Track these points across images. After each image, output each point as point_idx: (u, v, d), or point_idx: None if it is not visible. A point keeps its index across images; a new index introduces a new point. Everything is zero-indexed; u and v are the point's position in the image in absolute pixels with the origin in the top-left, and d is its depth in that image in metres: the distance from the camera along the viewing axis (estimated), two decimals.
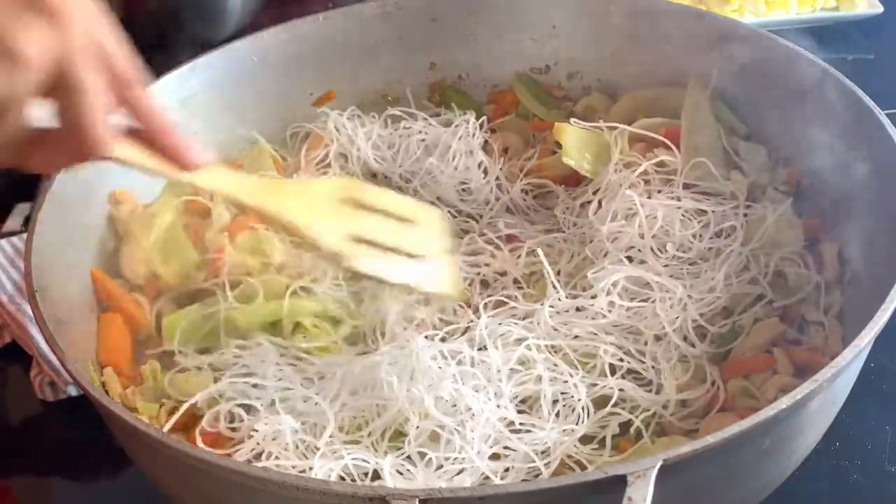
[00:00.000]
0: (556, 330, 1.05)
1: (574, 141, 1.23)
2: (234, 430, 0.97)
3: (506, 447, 0.93)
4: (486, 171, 1.27)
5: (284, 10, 1.50)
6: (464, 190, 1.27)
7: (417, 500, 0.73)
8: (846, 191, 1.10)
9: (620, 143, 1.21)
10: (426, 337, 1.03)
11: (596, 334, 1.04)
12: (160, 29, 1.65)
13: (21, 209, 1.38)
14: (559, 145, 1.23)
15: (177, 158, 0.83)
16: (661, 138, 1.20)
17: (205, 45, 1.32)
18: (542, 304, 1.07)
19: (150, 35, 1.67)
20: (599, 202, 1.18)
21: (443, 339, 1.04)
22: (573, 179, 1.25)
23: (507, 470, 0.91)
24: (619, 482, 0.73)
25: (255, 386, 1.01)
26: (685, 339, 1.04)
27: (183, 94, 1.27)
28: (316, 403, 0.98)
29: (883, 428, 1.10)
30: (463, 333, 1.05)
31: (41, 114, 0.71)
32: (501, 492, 0.76)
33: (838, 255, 1.09)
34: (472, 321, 1.07)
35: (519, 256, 1.15)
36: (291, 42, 1.34)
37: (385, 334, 1.06)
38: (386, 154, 1.30)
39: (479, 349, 1.02)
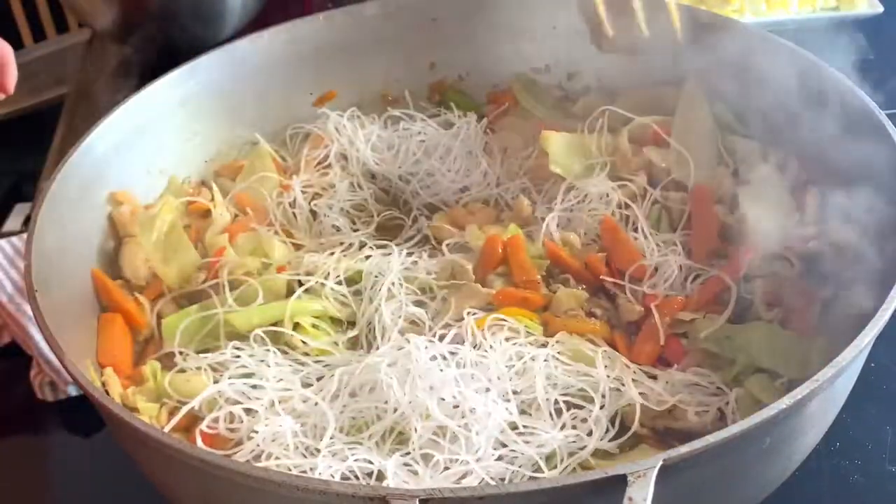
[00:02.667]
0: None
1: (561, 148, 1.23)
2: (233, 430, 0.97)
3: (511, 450, 0.93)
4: (485, 174, 1.27)
5: (284, 11, 1.51)
6: (462, 191, 1.27)
7: (417, 500, 0.73)
8: (845, 192, 1.10)
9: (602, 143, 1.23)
10: (427, 339, 1.03)
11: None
12: (160, 29, 1.65)
13: (21, 209, 1.38)
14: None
15: None
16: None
17: (205, 46, 1.33)
18: None
19: (150, 36, 1.68)
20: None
21: (440, 339, 1.04)
22: None
23: (513, 472, 0.91)
24: (620, 482, 0.73)
25: (254, 387, 1.01)
26: None
27: (183, 94, 1.27)
28: (315, 404, 0.98)
29: (883, 428, 1.10)
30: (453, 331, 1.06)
31: None
32: (502, 492, 0.76)
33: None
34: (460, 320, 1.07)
35: None
36: (291, 42, 1.34)
37: (383, 334, 1.06)
38: (385, 155, 1.31)
39: (475, 347, 1.02)
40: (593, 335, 1.06)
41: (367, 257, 1.15)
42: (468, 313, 1.06)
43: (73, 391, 1.18)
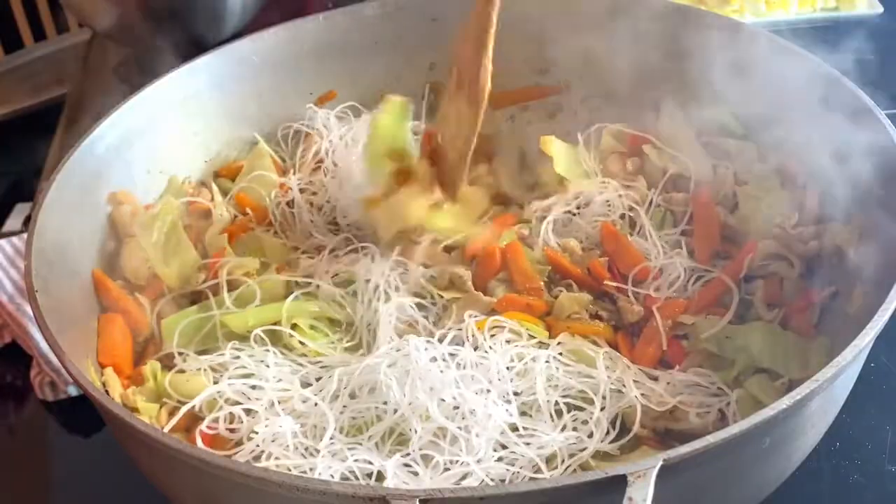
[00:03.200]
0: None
1: (563, 153, 1.24)
2: (233, 430, 0.97)
3: (512, 451, 0.93)
4: None
5: (284, 10, 1.50)
6: None
7: (418, 500, 0.73)
8: (845, 190, 1.10)
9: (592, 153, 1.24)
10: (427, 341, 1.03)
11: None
12: (160, 29, 1.65)
13: (21, 209, 1.38)
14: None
15: None
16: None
17: (205, 46, 1.33)
18: None
19: (150, 36, 1.68)
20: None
21: (439, 340, 1.04)
22: None
23: (513, 473, 0.91)
24: (620, 482, 0.73)
25: (253, 387, 1.01)
26: None
27: (183, 94, 1.27)
28: (315, 404, 0.98)
29: (883, 428, 1.10)
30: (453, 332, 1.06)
31: None
32: (502, 492, 0.76)
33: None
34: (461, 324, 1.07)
35: None
36: (291, 42, 1.34)
37: (381, 335, 1.06)
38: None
39: (475, 349, 1.02)
40: (596, 336, 1.06)
41: (365, 257, 1.15)
42: (469, 315, 1.06)
43: (73, 391, 1.18)
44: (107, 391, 1.01)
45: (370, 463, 0.91)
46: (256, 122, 1.34)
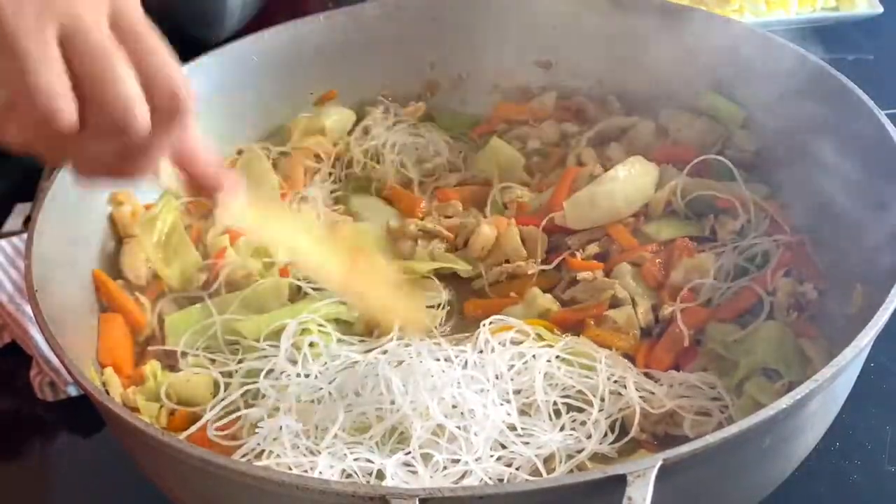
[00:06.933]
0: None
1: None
2: (234, 427, 0.98)
3: (511, 451, 0.93)
4: None
5: (284, 11, 1.50)
6: None
7: (417, 499, 0.73)
8: (845, 191, 1.10)
9: None
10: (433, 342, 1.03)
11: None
12: (160, 29, 1.65)
13: (21, 209, 1.38)
14: None
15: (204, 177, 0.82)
16: None
17: (205, 46, 1.33)
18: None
19: None
20: None
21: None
22: None
23: (511, 473, 0.91)
24: (619, 482, 0.73)
25: (257, 386, 1.01)
26: None
27: None
28: (319, 403, 0.98)
29: (883, 428, 1.10)
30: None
31: None
32: (501, 491, 0.76)
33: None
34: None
35: None
36: (291, 42, 1.34)
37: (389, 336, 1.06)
38: None
39: (479, 351, 1.02)
40: (622, 349, 1.06)
41: None
42: (484, 324, 1.06)
43: (73, 391, 1.18)
44: (107, 391, 1.01)
45: (370, 462, 0.91)
46: (257, 122, 1.34)
